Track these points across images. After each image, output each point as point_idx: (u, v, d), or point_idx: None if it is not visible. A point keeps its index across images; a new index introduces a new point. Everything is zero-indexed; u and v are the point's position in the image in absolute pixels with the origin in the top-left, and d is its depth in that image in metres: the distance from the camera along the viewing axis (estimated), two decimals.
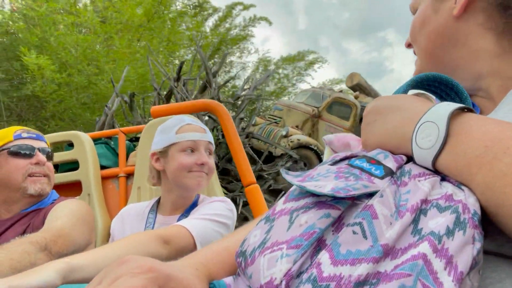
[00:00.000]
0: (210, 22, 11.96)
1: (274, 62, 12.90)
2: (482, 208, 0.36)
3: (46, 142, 1.36)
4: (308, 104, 8.02)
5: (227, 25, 12.11)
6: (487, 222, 0.36)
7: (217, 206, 1.21)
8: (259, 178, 5.47)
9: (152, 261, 0.44)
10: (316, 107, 7.89)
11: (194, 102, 1.61)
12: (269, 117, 8.06)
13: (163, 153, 1.23)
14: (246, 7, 11.91)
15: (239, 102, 6.04)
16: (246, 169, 1.54)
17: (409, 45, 0.69)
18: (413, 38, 0.65)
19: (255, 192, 1.48)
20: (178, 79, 5.37)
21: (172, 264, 0.48)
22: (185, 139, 1.20)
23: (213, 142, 1.29)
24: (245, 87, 6.54)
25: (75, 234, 1.13)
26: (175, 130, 1.22)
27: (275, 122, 7.61)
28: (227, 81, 6.08)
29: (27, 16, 7.56)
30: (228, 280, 0.53)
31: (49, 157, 1.33)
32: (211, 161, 1.25)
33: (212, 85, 5.48)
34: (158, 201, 1.31)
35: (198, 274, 0.50)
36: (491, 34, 0.54)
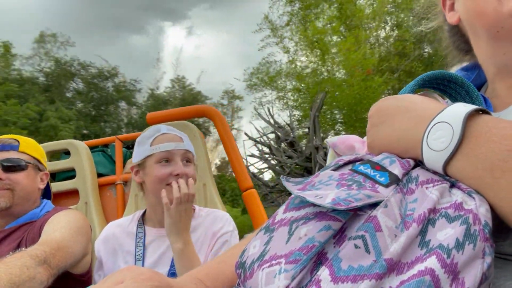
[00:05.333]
0: None
1: None
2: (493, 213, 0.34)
3: (17, 150, 1.29)
4: None
5: None
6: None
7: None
8: None
9: (154, 271, 0.45)
10: None
11: (189, 108, 1.59)
12: None
13: (141, 166, 1.20)
14: None
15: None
16: (243, 174, 1.52)
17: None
18: None
19: (253, 197, 1.46)
20: None
21: (172, 279, 0.49)
22: (159, 150, 1.16)
23: (192, 149, 1.25)
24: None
25: (73, 246, 1.11)
26: (150, 141, 1.19)
27: None
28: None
29: None
30: None
31: (14, 167, 1.26)
32: (189, 169, 1.20)
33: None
34: (143, 214, 1.28)
35: None
36: None
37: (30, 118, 13.88)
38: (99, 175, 1.85)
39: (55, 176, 1.90)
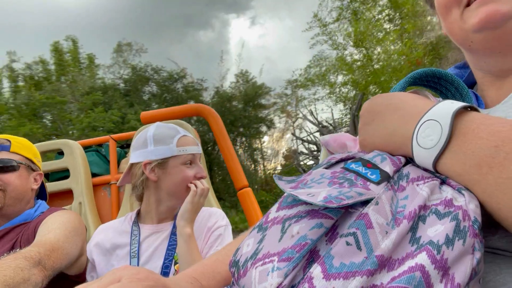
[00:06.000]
0: None
1: None
2: (483, 209, 0.34)
3: (8, 150, 1.27)
4: None
5: None
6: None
7: (230, 238, 1.23)
8: None
9: (150, 271, 0.46)
10: None
11: (183, 106, 1.59)
12: None
13: (161, 165, 1.20)
14: None
15: None
16: (238, 173, 1.52)
17: None
18: None
19: (248, 196, 1.47)
20: None
21: (168, 278, 0.50)
22: (186, 152, 1.21)
23: None
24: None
25: (68, 246, 1.10)
26: (175, 142, 1.21)
27: None
28: None
29: None
30: None
31: (5, 168, 1.24)
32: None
33: None
34: (137, 213, 1.29)
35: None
36: None
37: (114, 122, 15.28)
38: (93, 175, 1.85)
39: (48, 176, 1.89)
